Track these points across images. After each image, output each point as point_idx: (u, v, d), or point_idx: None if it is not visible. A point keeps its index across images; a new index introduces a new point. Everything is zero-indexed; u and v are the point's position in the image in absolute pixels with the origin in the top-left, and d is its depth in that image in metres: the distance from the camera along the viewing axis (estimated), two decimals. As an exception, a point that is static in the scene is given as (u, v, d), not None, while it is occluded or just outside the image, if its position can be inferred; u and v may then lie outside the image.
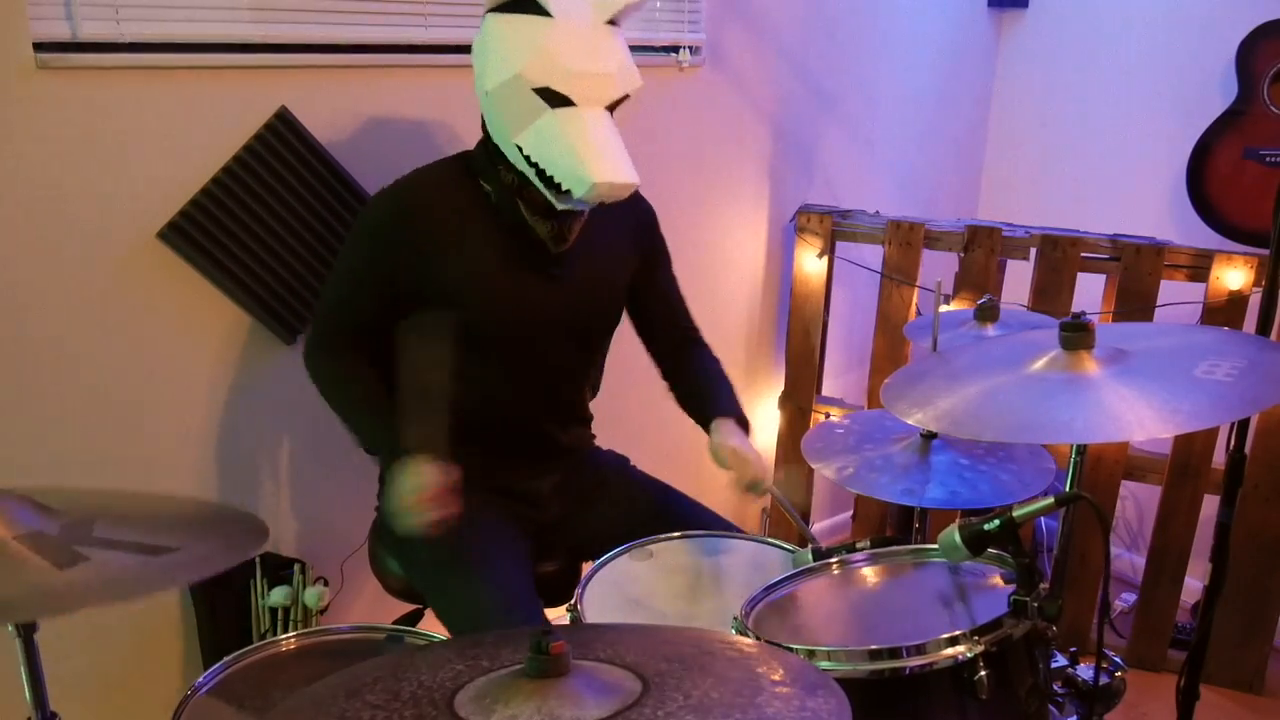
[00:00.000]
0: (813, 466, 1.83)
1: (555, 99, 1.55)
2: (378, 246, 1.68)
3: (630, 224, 1.86)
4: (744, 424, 1.81)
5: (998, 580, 1.32)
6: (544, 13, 1.56)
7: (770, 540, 1.72)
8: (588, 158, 1.53)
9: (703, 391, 1.89)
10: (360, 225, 1.71)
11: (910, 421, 1.43)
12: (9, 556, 1.00)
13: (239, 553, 1.11)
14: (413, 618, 1.91)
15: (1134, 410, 1.27)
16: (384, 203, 1.70)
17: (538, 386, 1.80)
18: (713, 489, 3.00)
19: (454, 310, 1.68)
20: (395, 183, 1.71)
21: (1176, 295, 2.49)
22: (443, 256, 1.67)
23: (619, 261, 1.85)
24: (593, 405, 1.98)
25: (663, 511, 1.83)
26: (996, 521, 1.23)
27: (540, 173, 1.58)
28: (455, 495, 1.54)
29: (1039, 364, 1.44)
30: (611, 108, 1.62)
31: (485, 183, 1.69)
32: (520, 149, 1.58)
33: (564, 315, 1.76)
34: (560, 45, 1.55)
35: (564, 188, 1.56)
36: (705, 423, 1.83)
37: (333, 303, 1.75)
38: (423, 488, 1.52)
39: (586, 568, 1.66)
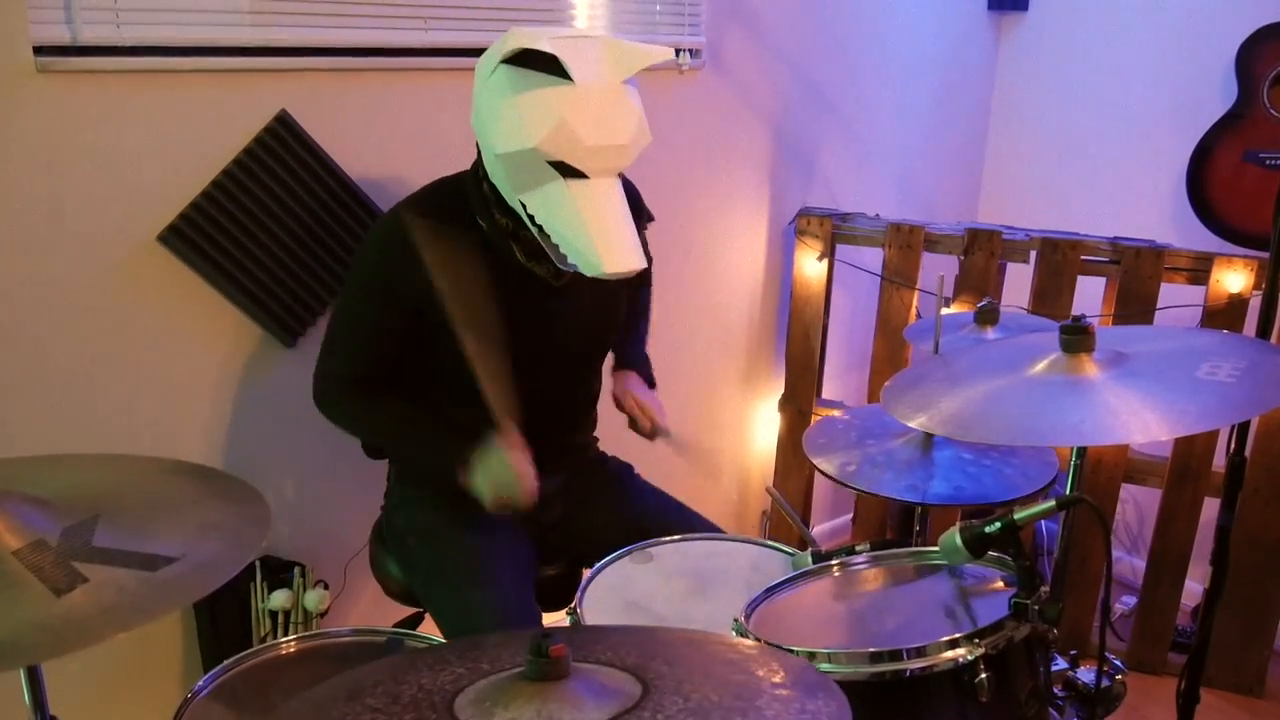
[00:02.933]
0: (815, 463, 1.83)
1: (568, 171, 1.50)
2: (385, 274, 1.65)
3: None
4: (647, 374, 1.96)
5: (998, 583, 1.32)
6: (564, 76, 1.47)
7: (770, 543, 1.72)
8: (599, 243, 1.49)
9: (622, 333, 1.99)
10: (361, 262, 1.70)
11: (912, 425, 1.43)
12: (9, 580, 1.00)
13: (241, 551, 1.11)
14: (412, 621, 1.90)
15: (1140, 412, 1.27)
16: (399, 218, 1.67)
17: (541, 403, 1.79)
18: (716, 499, 3.01)
19: (451, 340, 1.67)
20: (391, 212, 1.69)
21: (1176, 298, 2.50)
22: (440, 288, 1.64)
23: (613, 286, 1.82)
24: (600, 415, 1.98)
25: (664, 520, 1.83)
26: (997, 524, 1.23)
27: (546, 237, 1.55)
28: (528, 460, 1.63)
29: (1039, 367, 1.44)
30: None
31: (480, 219, 1.66)
32: (525, 206, 1.55)
33: (566, 343, 1.76)
34: (580, 118, 1.48)
35: (569, 260, 1.53)
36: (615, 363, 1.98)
37: (337, 351, 1.73)
38: (507, 468, 1.61)
39: (586, 574, 1.66)
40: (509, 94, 1.50)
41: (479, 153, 1.64)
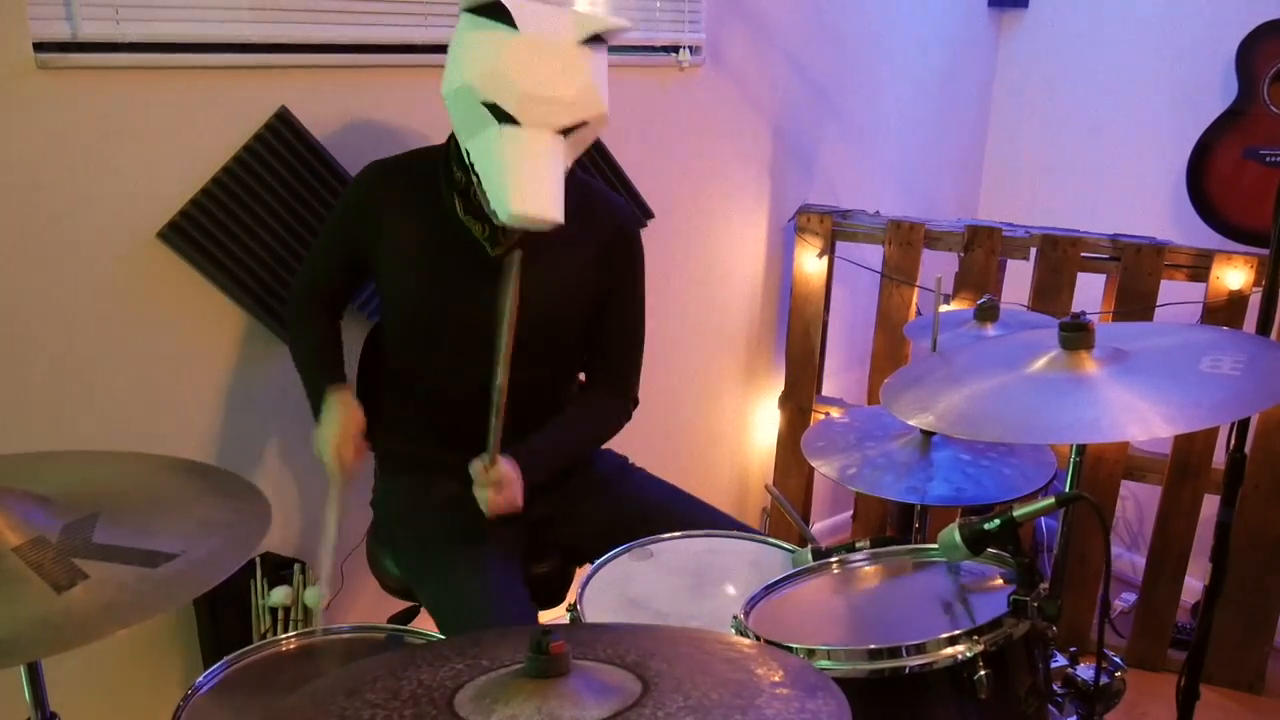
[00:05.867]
0: (814, 465, 1.83)
1: (502, 116, 1.53)
2: (343, 212, 1.79)
3: (602, 241, 1.78)
4: (531, 469, 1.70)
5: (997, 580, 1.32)
6: (512, 25, 1.53)
7: (771, 540, 1.72)
8: (512, 185, 1.51)
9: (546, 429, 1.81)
10: (346, 190, 1.84)
11: (913, 423, 1.43)
12: (9, 576, 1.00)
13: (241, 548, 1.11)
14: (407, 614, 1.91)
15: (1141, 408, 1.27)
16: (361, 174, 1.79)
17: (481, 384, 1.76)
18: (714, 487, 3.01)
19: (387, 289, 1.77)
20: (390, 156, 1.79)
21: (1177, 295, 2.49)
22: (389, 234, 1.73)
23: (577, 280, 1.77)
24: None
25: (662, 511, 1.82)
26: (997, 521, 1.23)
27: (479, 182, 1.59)
28: (359, 443, 1.73)
29: (1039, 364, 1.44)
30: (567, 131, 1.57)
31: (444, 177, 1.71)
32: (468, 154, 1.60)
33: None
34: (517, 64, 1.52)
35: (491, 205, 1.56)
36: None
37: (306, 265, 1.89)
38: (336, 432, 1.71)
39: (579, 571, 1.66)
40: (461, 36, 1.58)
41: None
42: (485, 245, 1.70)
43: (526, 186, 1.52)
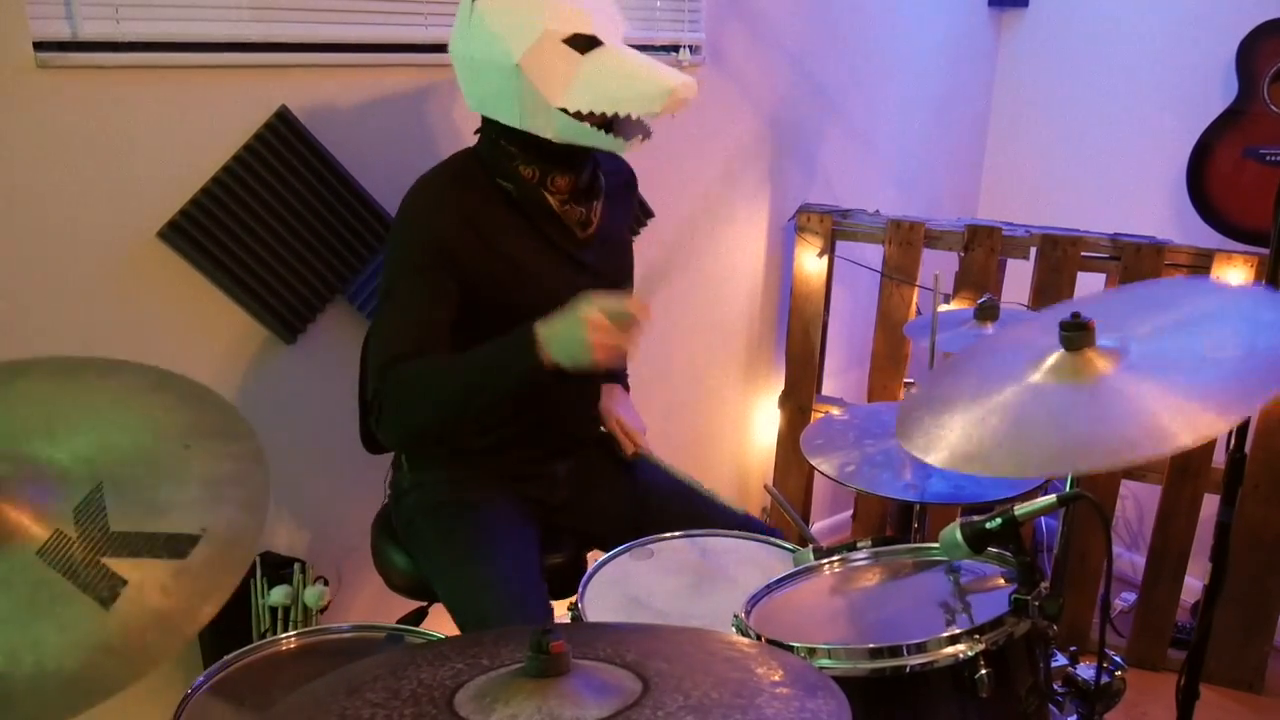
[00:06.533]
0: (813, 463, 1.83)
1: (586, 43, 1.59)
2: (437, 241, 1.61)
3: (629, 207, 1.94)
4: (627, 388, 2.02)
5: (998, 580, 1.32)
6: None
7: (771, 540, 1.72)
8: (651, 74, 1.58)
9: None
10: (407, 213, 1.66)
11: (930, 461, 1.27)
12: (47, 590, 0.95)
13: (255, 511, 1.11)
14: (415, 617, 1.91)
15: (1179, 411, 1.14)
16: (430, 199, 1.66)
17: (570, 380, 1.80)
18: (715, 487, 3.00)
19: (500, 298, 1.67)
20: (419, 182, 1.70)
21: (1177, 294, 2.49)
22: (499, 249, 1.67)
23: (627, 243, 1.93)
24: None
25: (668, 492, 1.85)
26: (999, 520, 1.23)
27: (600, 119, 1.60)
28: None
29: (1045, 371, 1.35)
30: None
31: (503, 180, 1.70)
32: (566, 111, 1.59)
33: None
34: None
35: (635, 116, 1.60)
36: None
37: (396, 322, 1.62)
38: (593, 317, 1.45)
39: (593, 558, 1.67)
40: (499, 13, 1.59)
41: (484, 127, 1.72)
42: (576, 230, 1.74)
43: (658, 70, 1.59)
